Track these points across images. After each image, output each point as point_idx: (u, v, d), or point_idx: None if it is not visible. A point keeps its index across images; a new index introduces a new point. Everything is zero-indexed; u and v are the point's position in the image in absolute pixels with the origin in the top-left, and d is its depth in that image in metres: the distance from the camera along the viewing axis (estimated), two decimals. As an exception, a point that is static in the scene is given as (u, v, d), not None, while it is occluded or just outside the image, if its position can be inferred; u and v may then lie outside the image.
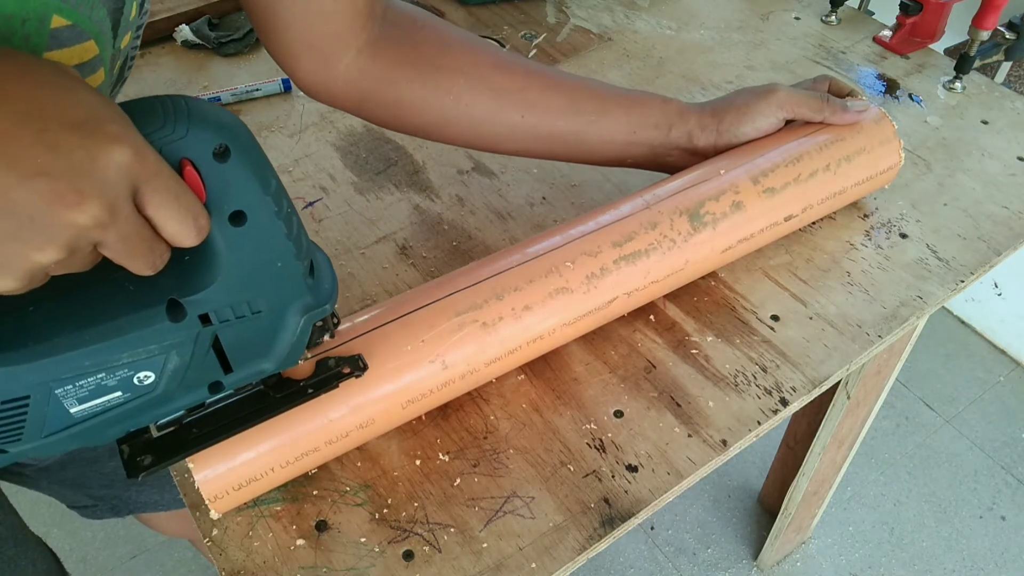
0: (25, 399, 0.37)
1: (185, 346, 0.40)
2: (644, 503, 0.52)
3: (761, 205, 0.61)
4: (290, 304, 0.42)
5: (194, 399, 0.43)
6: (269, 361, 0.44)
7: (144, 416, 0.43)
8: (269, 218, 0.38)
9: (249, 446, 0.48)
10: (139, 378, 0.40)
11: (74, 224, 0.30)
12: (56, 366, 0.37)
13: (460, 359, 0.53)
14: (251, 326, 0.42)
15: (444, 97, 0.61)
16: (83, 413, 0.40)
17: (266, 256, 0.40)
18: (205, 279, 0.39)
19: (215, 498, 0.48)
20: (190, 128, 0.34)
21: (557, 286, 0.55)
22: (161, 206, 0.32)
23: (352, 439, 0.52)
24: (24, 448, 0.40)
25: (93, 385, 0.39)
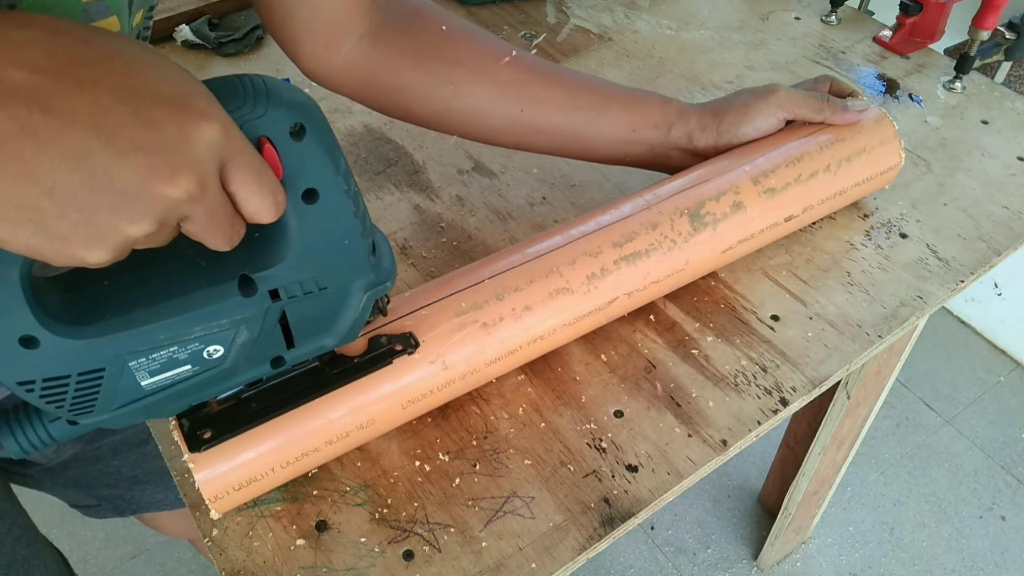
0: (100, 371, 0.39)
1: (255, 321, 0.41)
2: (644, 503, 0.52)
3: (761, 205, 0.61)
4: (354, 281, 0.44)
5: (256, 374, 0.45)
6: (330, 337, 0.45)
7: (208, 390, 0.44)
8: (339, 196, 0.39)
9: (249, 446, 0.48)
10: (208, 352, 0.41)
11: (167, 198, 0.31)
12: (132, 339, 0.38)
13: (460, 359, 0.53)
14: (316, 302, 0.43)
15: (444, 87, 0.61)
16: (153, 386, 0.41)
17: (334, 233, 0.41)
18: (276, 255, 0.40)
19: (215, 498, 0.48)
20: (269, 107, 0.35)
21: (558, 286, 0.55)
22: (244, 182, 0.33)
23: (352, 439, 0.52)
24: (94, 420, 0.41)
25: (165, 358, 0.40)
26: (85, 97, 0.28)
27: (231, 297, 0.39)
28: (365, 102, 0.63)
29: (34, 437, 0.42)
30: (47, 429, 0.42)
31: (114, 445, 0.74)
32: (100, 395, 0.40)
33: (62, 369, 0.38)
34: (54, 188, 0.29)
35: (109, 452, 0.73)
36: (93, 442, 0.71)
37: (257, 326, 0.42)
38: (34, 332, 0.36)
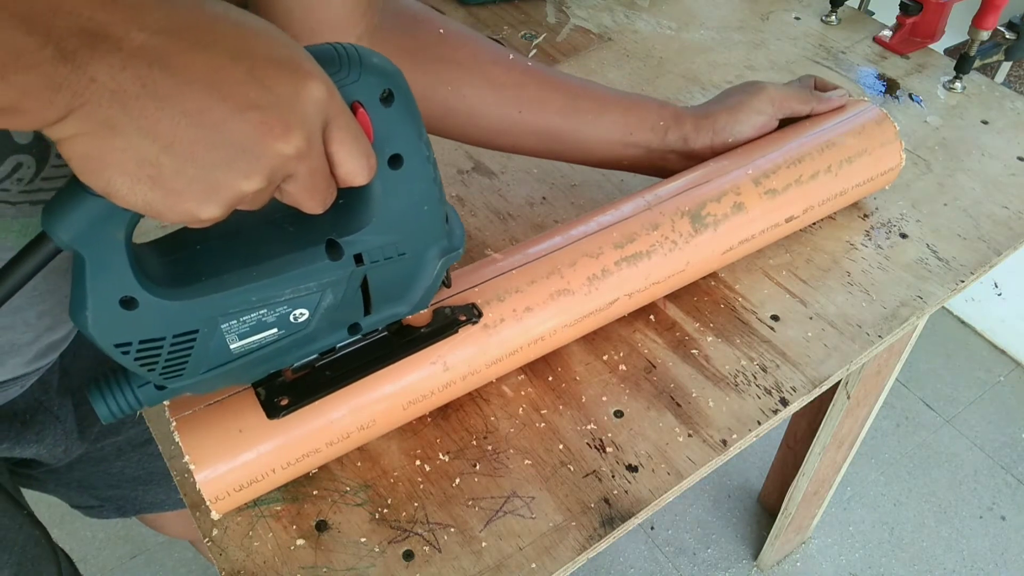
0: (193, 333, 0.40)
1: (339, 285, 0.43)
2: (644, 503, 0.52)
3: (762, 206, 0.61)
4: (430, 247, 0.45)
5: (333, 341, 0.46)
6: (404, 304, 0.47)
7: (289, 356, 0.45)
8: (422, 162, 0.41)
9: (250, 447, 0.48)
10: (295, 315, 0.43)
11: (279, 154, 0.32)
12: (226, 300, 0.40)
13: (461, 360, 0.53)
14: (395, 268, 0.44)
15: (443, 86, 0.61)
16: (240, 349, 0.42)
17: (416, 199, 0.42)
18: (360, 220, 0.41)
19: (216, 499, 0.48)
20: (362, 72, 0.36)
21: (558, 287, 0.55)
22: (343, 143, 0.34)
23: (353, 440, 0.52)
24: (182, 384, 0.43)
25: (255, 321, 0.41)
26: (202, 57, 0.29)
27: (319, 261, 0.41)
28: None
29: (123, 402, 0.43)
30: (135, 394, 0.43)
31: (118, 446, 0.74)
32: (191, 358, 0.41)
33: (158, 331, 0.39)
34: (173, 144, 0.30)
35: (113, 453, 0.73)
36: (97, 442, 0.71)
37: (341, 290, 0.43)
38: (134, 293, 0.37)
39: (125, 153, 0.29)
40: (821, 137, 0.64)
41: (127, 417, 0.44)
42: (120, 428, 0.74)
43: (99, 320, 0.37)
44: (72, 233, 0.34)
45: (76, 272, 0.36)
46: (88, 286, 0.36)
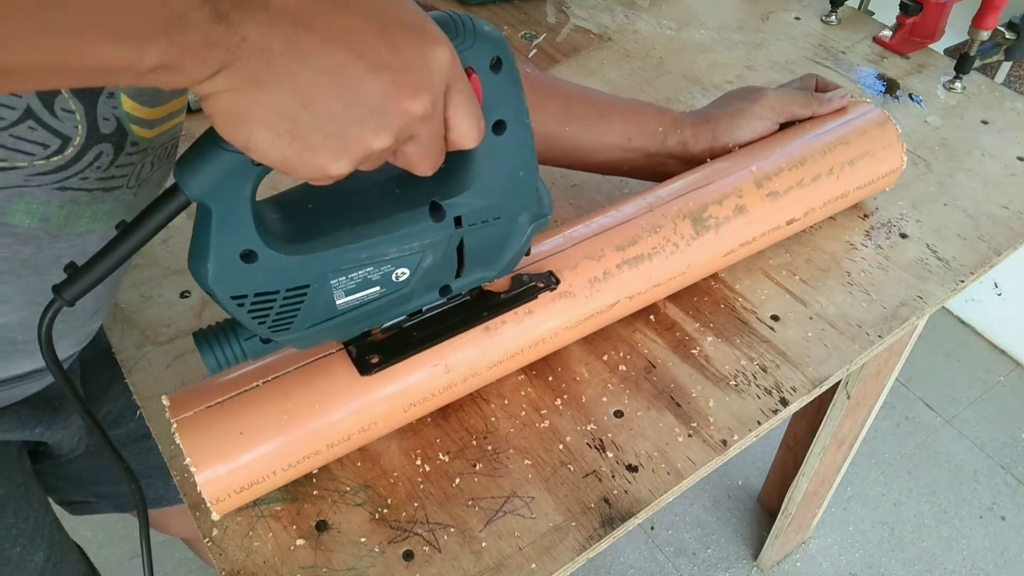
0: (305, 288, 0.42)
1: (440, 246, 0.45)
2: (644, 503, 0.52)
3: (764, 208, 0.61)
4: (522, 212, 0.47)
5: (424, 302, 0.49)
6: (492, 269, 0.49)
7: (384, 315, 0.48)
8: (522, 129, 0.43)
9: (251, 448, 0.48)
10: (397, 275, 0.45)
11: (408, 113, 0.33)
12: (338, 257, 0.42)
13: (462, 362, 0.53)
14: (490, 232, 0.46)
15: None
16: (345, 306, 0.45)
17: (514, 165, 0.44)
18: (462, 184, 0.43)
19: (217, 500, 0.48)
20: (476, 40, 0.38)
21: (559, 290, 0.55)
22: (460, 106, 0.36)
23: (354, 442, 0.52)
24: (288, 337, 0.45)
25: (361, 278, 0.44)
26: (340, 17, 0.31)
27: (423, 222, 0.43)
28: None
29: (230, 353, 0.45)
30: (242, 347, 0.46)
31: (118, 439, 0.74)
32: (300, 312, 0.43)
33: (273, 284, 0.41)
34: (312, 100, 0.31)
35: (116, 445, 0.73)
36: None
37: (440, 251, 0.45)
38: (254, 247, 0.39)
39: (268, 108, 0.31)
40: (823, 139, 0.64)
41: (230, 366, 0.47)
42: (120, 421, 0.74)
43: (219, 272, 0.39)
44: (204, 187, 0.36)
45: (201, 226, 0.38)
46: (212, 239, 0.38)
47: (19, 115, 0.39)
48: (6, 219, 0.43)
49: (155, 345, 0.63)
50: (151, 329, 0.64)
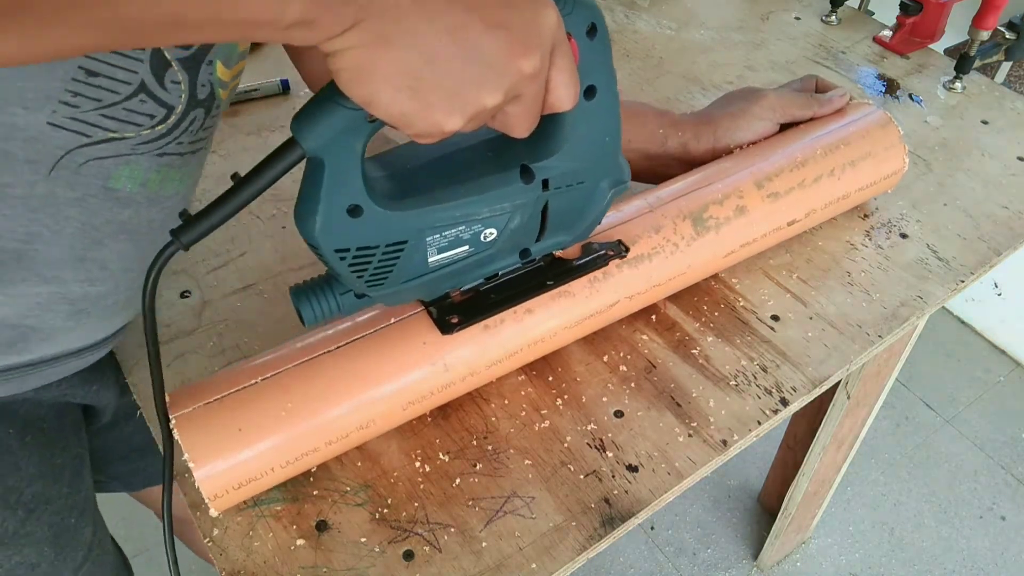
0: (403, 244, 0.44)
1: (527, 208, 0.47)
2: (644, 503, 0.52)
3: (764, 209, 0.61)
4: (604, 178, 0.49)
5: (505, 264, 0.51)
6: (570, 234, 0.51)
7: (467, 276, 0.50)
8: (611, 96, 0.44)
9: (249, 445, 0.48)
10: (485, 235, 0.47)
11: (520, 72, 0.35)
12: (434, 215, 0.44)
13: (461, 361, 0.53)
14: (573, 196, 0.48)
15: None
16: (435, 264, 0.47)
17: (601, 129, 0.46)
18: (552, 148, 0.45)
19: (215, 496, 0.48)
20: (575, 6, 0.39)
21: (559, 289, 0.55)
22: (562, 69, 0.37)
23: (352, 439, 0.52)
24: (381, 293, 0.47)
25: (453, 236, 0.46)
26: None
27: (514, 183, 0.45)
28: None
29: (326, 307, 0.47)
30: (338, 301, 0.47)
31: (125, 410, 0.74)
32: (395, 268, 0.45)
33: (374, 239, 0.43)
34: (435, 58, 0.33)
35: (123, 416, 0.73)
36: None
37: (527, 214, 0.47)
38: (361, 202, 0.41)
39: (393, 65, 0.32)
40: (824, 140, 0.64)
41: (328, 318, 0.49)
42: (123, 390, 0.74)
43: (326, 226, 0.41)
44: (320, 141, 0.38)
45: (311, 180, 0.40)
46: (323, 193, 0.40)
47: (133, 89, 0.42)
48: (111, 184, 0.45)
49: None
50: (151, 329, 0.64)
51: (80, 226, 0.46)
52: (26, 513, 0.54)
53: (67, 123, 0.41)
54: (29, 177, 0.42)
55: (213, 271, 0.67)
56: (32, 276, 0.46)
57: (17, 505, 0.53)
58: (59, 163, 0.42)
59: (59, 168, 0.43)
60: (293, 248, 0.70)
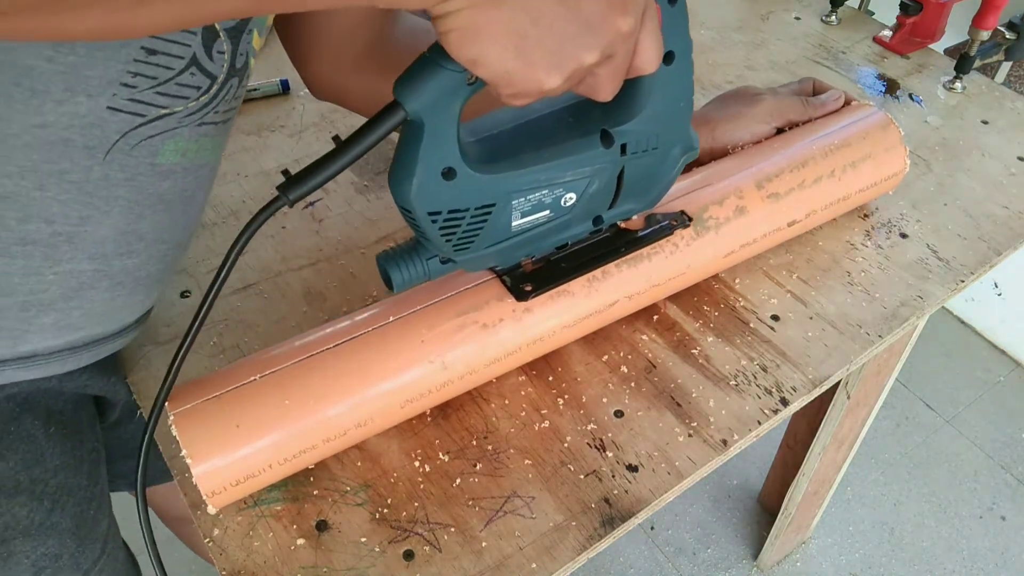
0: (491, 207, 0.46)
1: (605, 172, 0.49)
2: (644, 503, 0.52)
3: (764, 210, 0.61)
4: (676, 144, 0.51)
5: (578, 231, 0.53)
6: (640, 202, 0.53)
7: (543, 242, 0.52)
8: (687, 62, 0.46)
9: (247, 442, 0.48)
10: (565, 199, 0.49)
11: (617, 31, 0.36)
12: (522, 178, 0.46)
13: (459, 359, 0.53)
14: (647, 162, 0.50)
15: None
16: (518, 228, 0.49)
17: (676, 95, 0.48)
18: (631, 112, 0.47)
19: (213, 493, 0.48)
20: None
21: (558, 288, 0.55)
22: (651, 32, 0.39)
23: (350, 437, 0.52)
24: (466, 257, 0.49)
25: (536, 201, 0.47)
26: None
27: (594, 148, 0.47)
28: None
29: (414, 272, 0.49)
30: (425, 266, 0.49)
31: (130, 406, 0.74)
32: (482, 232, 0.47)
33: (465, 202, 0.44)
34: (540, 17, 0.34)
35: (127, 415, 0.73)
36: None
37: (604, 178, 0.49)
38: (455, 165, 0.42)
39: (501, 25, 0.33)
40: (824, 141, 0.64)
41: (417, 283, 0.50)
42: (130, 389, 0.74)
43: (422, 188, 0.42)
44: (422, 103, 0.39)
45: (409, 143, 0.41)
46: (420, 155, 0.41)
47: (185, 63, 0.42)
48: (158, 160, 0.46)
49: (155, 345, 0.63)
50: (151, 329, 0.64)
51: (127, 203, 0.46)
52: (51, 504, 0.54)
53: (125, 105, 0.42)
54: (86, 163, 0.43)
55: (213, 271, 0.67)
56: (80, 255, 0.47)
57: (43, 496, 0.54)
58: (115, 146, 0.43)
59: (114, 151, 0.43)
60: (293, 248, 0.70)
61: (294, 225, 0.72)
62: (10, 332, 0.47)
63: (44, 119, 0.40)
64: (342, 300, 0.65)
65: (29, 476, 0.53)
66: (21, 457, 0.52)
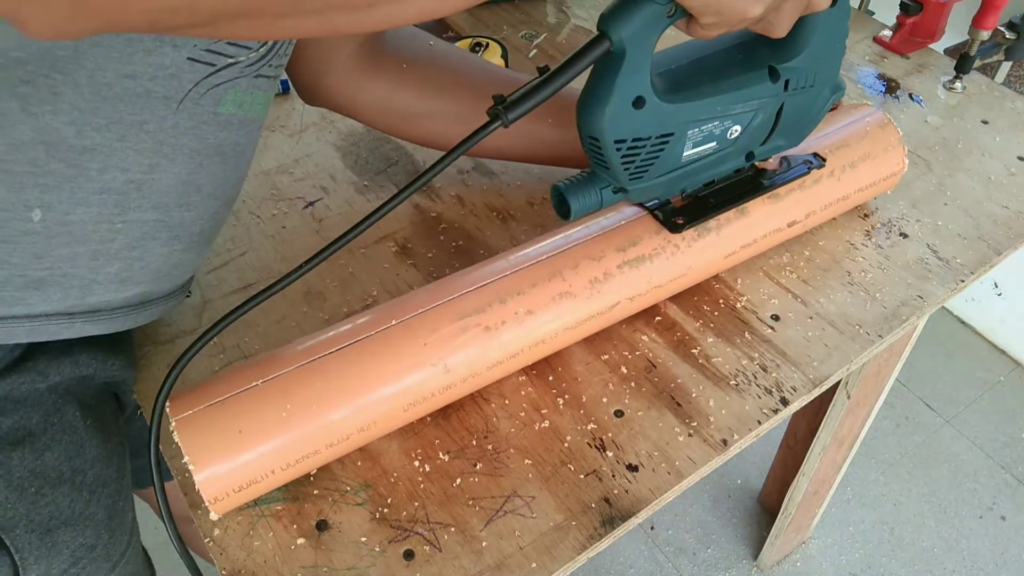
0: (669, 136, 0.50)
1: (768, 107, 0.53)
2: (644, 502, 0.52)
3: (765, 210, 0.61)
4: (828, 83, 0.55)
5: (732, 166, 0.57)
6: (788, 139, 0.57)
7: (701, 175, 0.56)
8: (847, 4, 0.50)
9: (250, 448, 0.48)
10: (731, 132, 0.53)
11: None
12: (699, 108, 0.50)
13: (462, 362, 0.53)
14: (803, 99, 0.54)
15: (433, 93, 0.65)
16: (687, 159, 0.53)
17: (835, 34, 0.51)
18: (796, 50, 0.51)
19: (215, 499, 0.48)
20: None
21: (560, 290, 0.55)
22: None
23: (353, 442, 0.52)
24: (639, 186, 0.53)
25: (707, 131, 0.52)
26: None
27: (762, 82, 0.51)
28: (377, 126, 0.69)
29: (589, 200, 0.53)
30: (600, 194, 0.53)
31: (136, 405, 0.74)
32: (657, 161, 0.51)
33: (648, 130, 0.48)
34: None
35: (133, 412, 0.73)
36: None
37: (766, 112, 0.53)
38: (645, 94, 0.46)
39: None
40: (824, 142, 0.64)
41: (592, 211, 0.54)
42: None
43: (613, 116, 0.46)
44: (626, 33, 0.43)
45: (606, 73, 0.45)
46: (617, 84, 0.45)
47: None
48: (219, 109, 0.47)
49: (155, 345, 0.63)
50: (151, 329, 0.64)
51: (189, 152, 0.48)
52: (89, 494, 0.55)
53: (202, 55, 0.44)
54: (162, 112, 0.44)
55: (214, 271, 0.67)
56: (146, 203, 0.48)
57: (82, 486, 0.55)
58: (187, 95, 0.45)
59: (186, 101, 0.45)
60: (294, 248, 0.70)
61: (294, 225, 0.72)
62: (80, 281, 0.48)
63: (134, 69, 0.41)
64: (342, 300, 0.65)
65: (71, 467, 0.54)
66: (64, 448, 0.53)
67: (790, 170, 0.61)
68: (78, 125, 0.42)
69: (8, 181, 0.42)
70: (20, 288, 0.46)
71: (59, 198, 0.44)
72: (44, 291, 0.47)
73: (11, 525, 0.50)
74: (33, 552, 0.51)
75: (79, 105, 0.41)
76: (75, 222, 0.45)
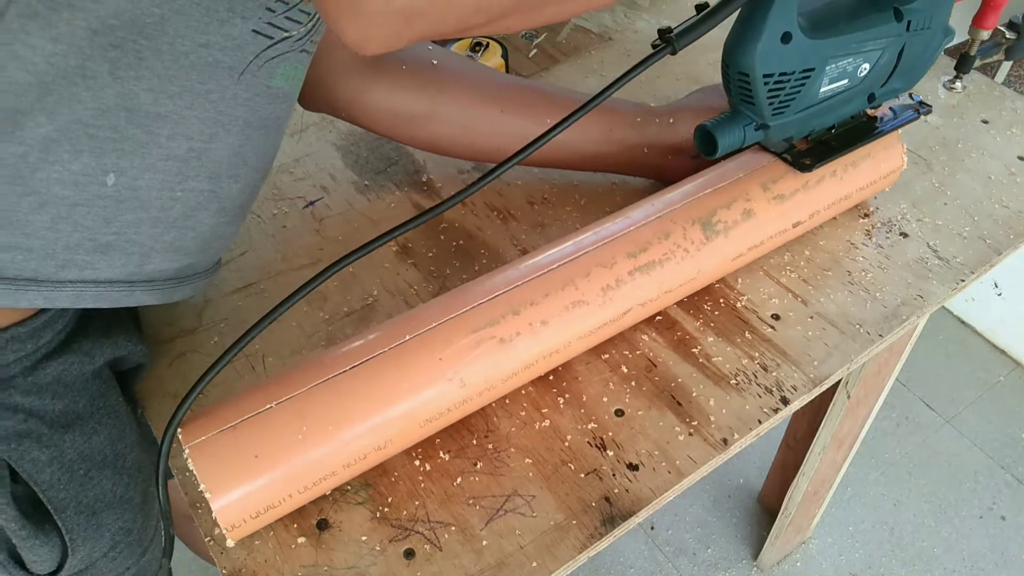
0: (810, 71, 0.53)
1: (893, 47, 0.57)
2: (645, 502, 0.52)
3: (771, 212, 0.61)
4: (941, 27, 0.59)
5: (855, 107, 0.60)
6: (904, 82, 0.61)
7: (831, 115, 0.59)
8: None
9: (266, 472, 0.47)
10: (861, 69, 0.57)
11: None
12: (838, 44, 0.53)
13: (478, 376, 0.52)
14: (921, 41, 0.58)
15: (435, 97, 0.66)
16: (821, 95, 0.56)
17: None
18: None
19: (232, 527, 0.47)
20: None
21: (573, 299, 0.54)
22: None
23: (370, 460, 0.51)
24: (779, 122, 0.56)
25: (841, 68, 0.55)
26: None
27: (890, 22, 0.55)
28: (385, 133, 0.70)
29: (734, 137, 0.55)
30: (744, 132, 0.55)
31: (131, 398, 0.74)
32: (798, 96, 0.54)
33: (792, 65, 0.52)
34: None
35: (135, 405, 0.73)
36: None
37: (891, 52, 0.57)
38: (792, 30, 0.50)
39: None
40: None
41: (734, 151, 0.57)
42: None
43: (764, 51, 0.50)
44: None
45: (759, 10, 0.49)
46: (769, 20, 0.49)
47: None
48: (272, 83, 0.49)
49: (156, 344, 0.63)
50: (152, 328, 0.64)
51: (243, 124, 0.49)
52: (129, 479, 0.56)
53: (264, 28, 0.45)
54: (226, 82, 0.46)
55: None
56: (202, 172, 0.49)
57: (123, 470, 0.56)
58: (248, 67, 0.46)
59: (246, 72, 0.46)
60: (294, 247, 0.70)
61: (294, 224, 0.72)
62: (140, 248, 0.49)
63: (208, 38, 0.43)
64: (342, 300, 0.65)
65: (113, 451, 0.55)
66: (108, 432, 0.54)
67: (897, 118, 0.65)
68: (155, 92, 0.43)
69: (92, 146, 0.43)
70: (90, 252, 0.47)
71: (132, 163, 0.45)
72: (110, 256, 0.48)
73: (63, 506, 0.51)
74: (81, 534, 0.52)
75: (158, 71, 0.42)
76: (142, 187, 0.46)
